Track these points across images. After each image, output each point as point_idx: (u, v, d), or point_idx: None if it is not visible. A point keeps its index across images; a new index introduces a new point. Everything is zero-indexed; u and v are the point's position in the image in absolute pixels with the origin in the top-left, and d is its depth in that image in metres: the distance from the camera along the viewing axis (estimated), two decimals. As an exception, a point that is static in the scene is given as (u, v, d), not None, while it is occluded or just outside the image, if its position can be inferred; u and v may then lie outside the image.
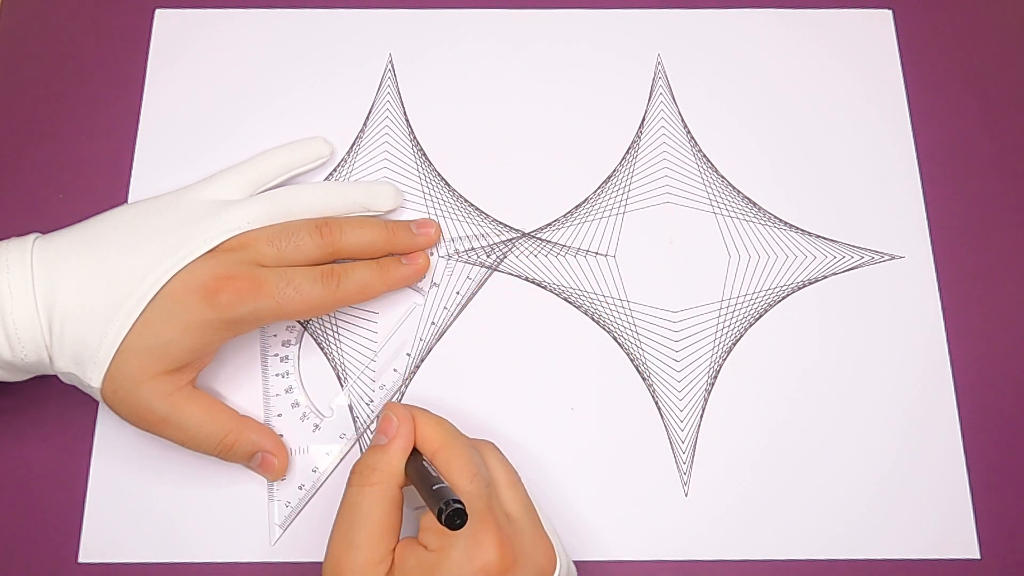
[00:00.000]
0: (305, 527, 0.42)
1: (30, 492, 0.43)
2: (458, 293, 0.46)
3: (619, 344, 0.45)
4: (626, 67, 0.51)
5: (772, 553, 0.42)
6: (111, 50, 0.50)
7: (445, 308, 0.46)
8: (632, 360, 0.45)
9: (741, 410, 0.44)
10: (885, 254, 0.47)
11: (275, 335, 0.45)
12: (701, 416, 0.44)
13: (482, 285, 0.46)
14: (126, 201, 0.47)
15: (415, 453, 0.38)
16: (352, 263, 0.43)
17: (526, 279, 0.47)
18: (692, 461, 0.44)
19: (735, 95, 0.50)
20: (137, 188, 0.48)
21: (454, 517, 0.34)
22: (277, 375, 0.44)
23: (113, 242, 0.40)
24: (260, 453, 0.42)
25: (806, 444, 0.44)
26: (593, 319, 0.46)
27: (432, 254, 0.47)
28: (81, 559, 0.42)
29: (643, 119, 0.50)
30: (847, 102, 0.50)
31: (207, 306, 0.39)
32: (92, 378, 0.39)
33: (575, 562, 0.42)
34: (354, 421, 0.44)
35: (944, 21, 0.52)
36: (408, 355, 0.45)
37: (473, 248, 0.47)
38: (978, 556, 0.42)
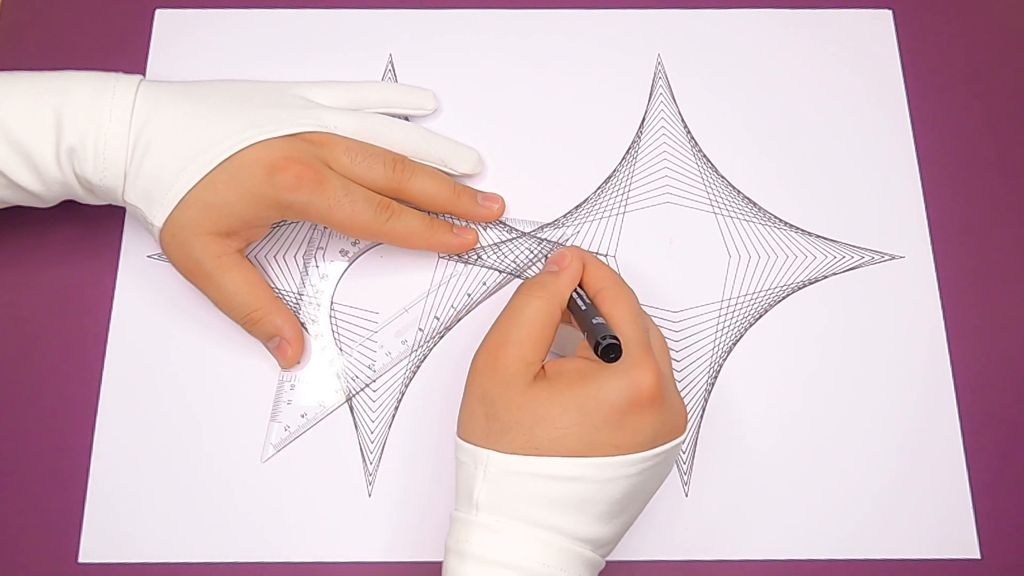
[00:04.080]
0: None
1: (30, 492, 0.43)
2: (468, 295, 0.46)
3: (619, 344, 0.45)
4: (626, 67, 0.51)
5: (772, 553, 0.42)
6: (111, 50, 0.50)
7: (453, 307, 0.46)
8: (632, 360, 0.45)
9: (741, 410, 0.44)
10: (885, 254, 0.47)
11: (318, 266, 0.46)
12: (701, 416, 0.44)
13: (499, 288, 0.46)
14: (126, 201, 0.48)
15: (579, 291, 0.40)
16: (408, 208, 0.44)
17: (519, 277, 0.46)
18: (692, 461, 0.44)
19: (735, 95, 0.50)
20: (137, 188, 0.48)
21: (609, 351, 0.36)
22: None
23: (210, 103, 0.42)
24: (279, 338, 0.43)
25: (806, 444, 0.44)
26: (593, 319, 0.46)
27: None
28: (81, 559, 0.42)
29: (643, 119, 0.50)
30: (847, 102, 0.50)
31: (266, 181, 0.41)
32: (156, 217, 0.41)
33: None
34: (349, 403, 0.44)
35: (944, 21, 0.52)
36: (420, 330, 0.45)
37: (473, 248, 0.47)
38: (978, 556, 0.42)
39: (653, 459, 0.37)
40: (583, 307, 0.39)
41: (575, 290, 0.40)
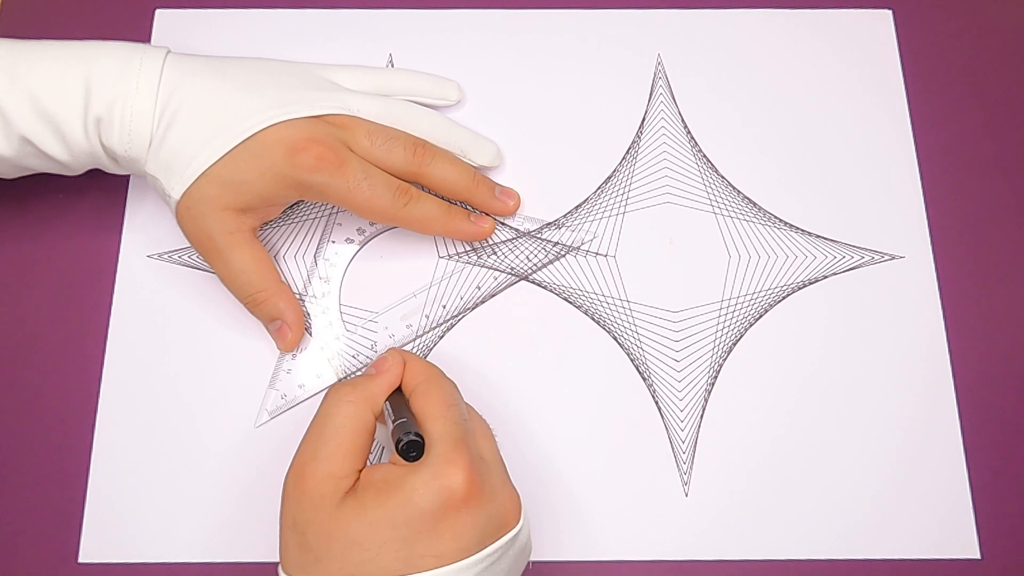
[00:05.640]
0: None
1: (30, 492, 0.43)
2: (479, 288, 0.46)
3: (619, 344, 0.45)
4: (626, 67, 0.51)
5: (772, 553, 0.42)
6: (111, 50, 0.51)
7: (460, 297, 0.46)
8: (632, 360, 0.45)
9: (741, 410, 0.44)
10: (885, 254, 0.47)
11: (333, 241, 0.47)
12: (701, 416, 0.44)
13: (508, 287, 0.46)
14: (124, 200, 0.48)
15: (398, 393, 0.39)
16: (426, 194, 0.44)
17: (526, 279, 0.47)
18: (692, 461, 0.44)
19: (735, 95, 0.50)
20: (136, 187, 0.48)
21: (409, 448, 0.35)
22: (321, 279, 0.46)
23: (236, 80, 0.43)
24: (280, 321, 0.43)
25: (806, 444, 0.44)
26: (593, 319, 0.46)
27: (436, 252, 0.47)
28: (81, 559, 0.42)
29: (643, 119, 0.50)
30: (847, 102, 0.50)
31: (287, 161, 0.41)
32: (174, 189, 0.41)
33: (574, 562, 0.42)
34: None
35: (944, 21, 0.52)
36: (426, 316, 0.45)
37: (473, 248, 0.47)
38: (978, 556, 0.42)
39: (484, 561, 0.34)
40: (393, 408, 0.37)
41: (394, 393, 0.38)
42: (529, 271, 0.46)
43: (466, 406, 0.39)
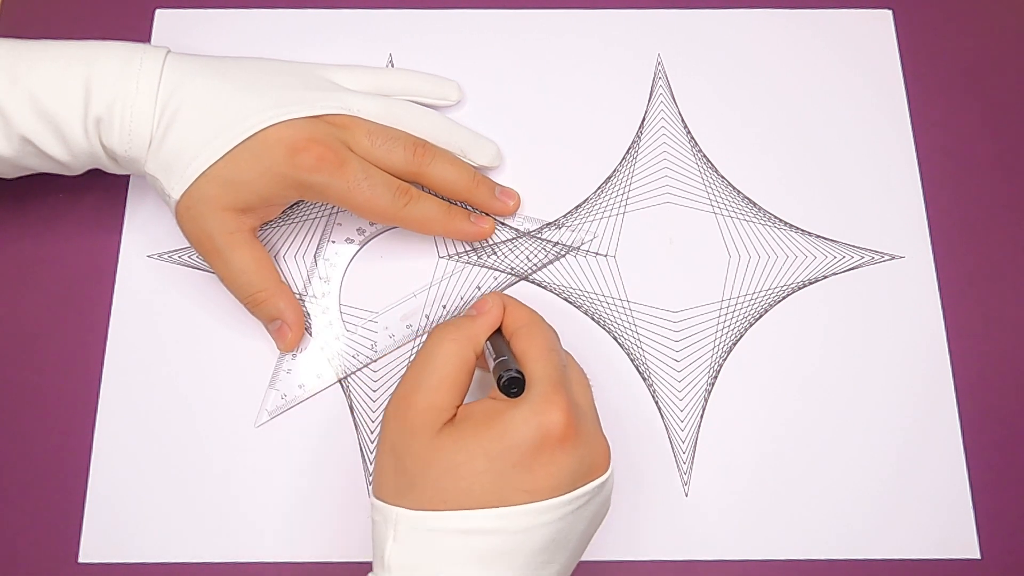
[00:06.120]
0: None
1: (30, 492, 0.43)
2: (479, 288, 0.46)
3: (619, 344, 0.45)
4: (626, 67, 0.51)
5: (772, 553, 0.42)
6: (111, 50, 0.51)
7: (461, 297, 0.46)
8: (632, 360, 0.45)
9: (741, 410, 0.44)
10: (885, 254, 0.47)
11: (333, 241, 0.47)
12: (701, 416, 0.44)
13: (508, 287, 0.46)
14: (124, 200, 0.48)
15: (498, 334, 0.39)
16: (426, 195, 0.44)
17: (526, 279, 0.47)
18: (692, 461, 0.44)
19: (735, 95, 0.50)
20: (136, 187, 0.48)
21: (511, 385, 0.36)
22: (321, 279, 0.46)
23: (236, 80, 0.43)
24: (280, 321, 0.43)
25: (806, 444, 0.44)
26: (593, 319, 0.46)
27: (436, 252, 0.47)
28: (81, 559, 0.42)
29: (643, 119, 0.50)
30: (847, 102, 0.50)
31: (288, 161, 0.41)
32: (174, 189, 0.41)
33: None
34: (349, 397, 0.44)
35: (944, 21, 0.52)
36: (426, 316, 0.45)
37: (474, 248, 0.47)
38: (978, 556, 0.42)
39: (573, 503, 0.35)
40: (494, 347, 0.38)
41: (494, 334, 0.39)
42: (529, 271, 0.47)
43: (565, 354, 0.39)
